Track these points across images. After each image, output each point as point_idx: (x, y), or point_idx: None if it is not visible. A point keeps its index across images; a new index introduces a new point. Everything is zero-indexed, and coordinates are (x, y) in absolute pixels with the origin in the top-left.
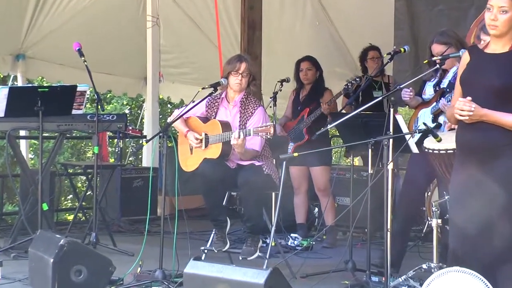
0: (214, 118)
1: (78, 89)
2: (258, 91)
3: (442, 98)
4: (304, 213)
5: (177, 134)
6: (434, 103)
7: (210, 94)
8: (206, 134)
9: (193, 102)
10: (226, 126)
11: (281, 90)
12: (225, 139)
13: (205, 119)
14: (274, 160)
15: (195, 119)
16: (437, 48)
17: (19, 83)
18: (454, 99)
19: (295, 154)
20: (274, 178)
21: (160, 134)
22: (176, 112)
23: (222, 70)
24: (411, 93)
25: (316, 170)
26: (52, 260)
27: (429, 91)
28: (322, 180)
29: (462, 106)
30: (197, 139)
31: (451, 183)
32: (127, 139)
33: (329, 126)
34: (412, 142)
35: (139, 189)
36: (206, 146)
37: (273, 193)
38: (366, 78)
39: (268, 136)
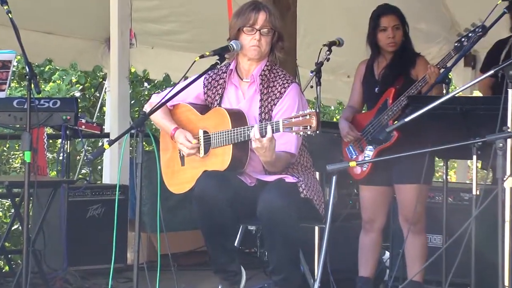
0: (219, 105)
1: None
2: (291, 60)
3: None
4: (374, 263)
5: (160, 132)
6: None
7: (212, 67)
8: (206, 132)
9: (185, 79)
10: (238, 117)
11: (328, 60)
12: (237, 139)
13: (203, 108)
14: (317, 173)
15: (188, 109)
16: None
17: None
18: None
19: (352, 164)
20: (316, 203)
21: (132, 132)
22: (156, 98)
23: (230, 27)
24: None
25: (408, 191)
26: None
27: None
28: (415, 206)
29: None
30: (191, 141)
31: None
32: (79, 140)
33: (408, 118)
34: None
35: (98, 220)
36: (206, 152)
37: (316, 227)
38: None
39: (309, 132)
